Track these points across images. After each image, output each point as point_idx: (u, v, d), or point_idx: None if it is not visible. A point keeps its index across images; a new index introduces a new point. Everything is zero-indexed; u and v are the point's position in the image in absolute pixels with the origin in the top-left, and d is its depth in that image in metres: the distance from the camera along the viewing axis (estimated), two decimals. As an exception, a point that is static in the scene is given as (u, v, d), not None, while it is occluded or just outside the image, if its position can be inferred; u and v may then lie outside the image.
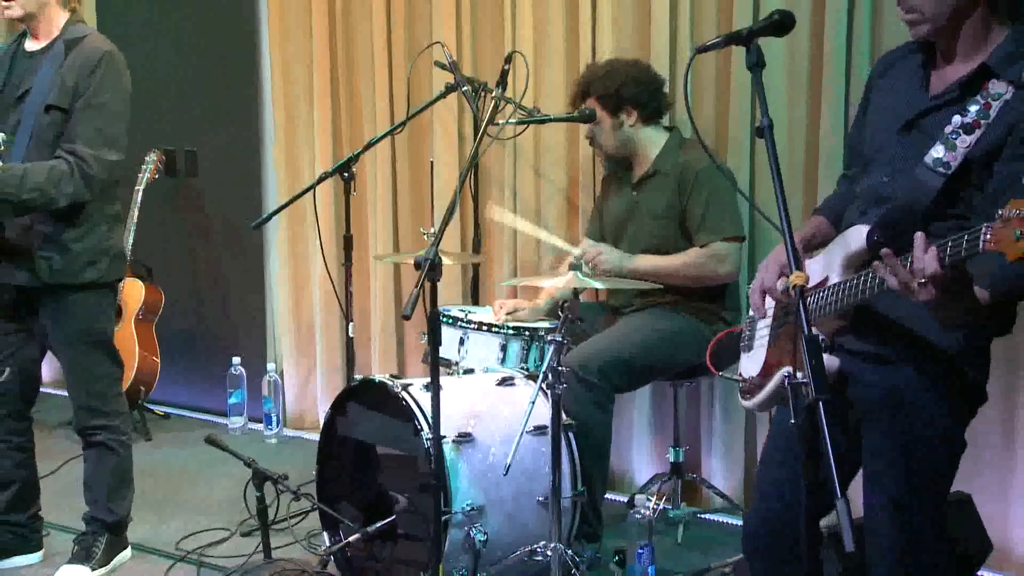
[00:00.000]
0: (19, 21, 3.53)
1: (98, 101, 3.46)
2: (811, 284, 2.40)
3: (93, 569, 3.67)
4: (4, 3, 3.46)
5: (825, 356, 2.34)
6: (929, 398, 2.32)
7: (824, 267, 2.41)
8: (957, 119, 2.24)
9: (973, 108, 2.23)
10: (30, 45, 3.57)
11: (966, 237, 1.95)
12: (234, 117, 5.44)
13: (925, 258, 2.02)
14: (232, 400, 5.37)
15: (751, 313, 2.66)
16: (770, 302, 2.55)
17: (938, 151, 2.25)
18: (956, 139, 2.23)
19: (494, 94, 3.75)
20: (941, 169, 2.23)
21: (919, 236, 2.05)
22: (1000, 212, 1.87)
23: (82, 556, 3.69)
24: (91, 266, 3.55)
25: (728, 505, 4.14)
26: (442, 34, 4.61)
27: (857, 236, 2.33)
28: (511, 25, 4.50)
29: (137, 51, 3.89)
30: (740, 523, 4.07)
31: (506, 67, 3.81)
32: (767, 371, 2.54)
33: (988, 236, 1.88)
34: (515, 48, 4.32)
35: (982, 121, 2.22)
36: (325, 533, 3.63)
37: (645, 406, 4.38)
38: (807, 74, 3.85)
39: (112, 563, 3.74)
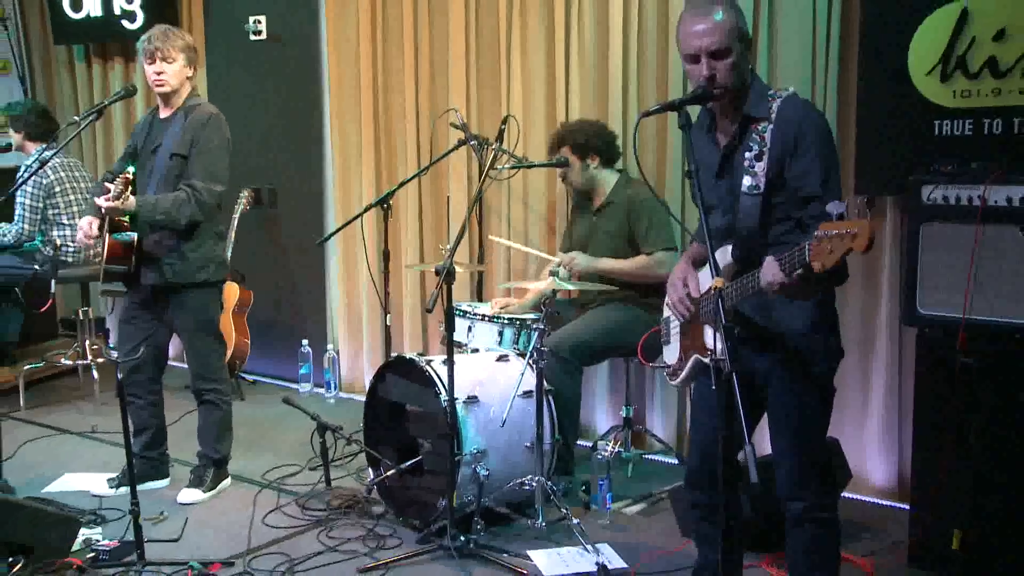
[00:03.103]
0: (160, 95, 3.59)
1: (208, 147, 3.52)
2: (701, 292, 2.39)
3: (204, 492, 3.69)
4: (158, 80, 3.51)
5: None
6: (803, 363, 2.32)
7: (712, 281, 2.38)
8: (748, 155, 2.27)
9: (753, 144, 2.26)
10: (162, 114, 3.64)
11: (796, 253, 1.97)
12: (304, 163, 5.42)
13: (774, 272, 2.03)
14: (302, 371, 5.35)
15: (666, 315, 2.61)
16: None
17: (747, 181, 2.26)
18: (753, 168, 2.25)
19: (493, 147, 3.75)
20: (755, 192, 2.25)
21: (762, 263, 2.07)
22: (816, 233, 1.90)
23: (196, 482, 3.72)
24: (202, 269, 3.59)
25: (665, 448, 4.12)
26: (455, 102, 4.59)
27: (724, 255, 2.33)
28: (506, 95, 4.49)
29: (235, 115, 3.90)
30: (675, 462, 4.07)
31: (502, 127, 3.80)
32: (683, 358, 2.51)
33: (810, 252, 1.92)
34: (509, 112, 4.31)
35: (764, 149, 2.25)
36: (370, 469, 3.62)
37: (605, 376, 4.37)
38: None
39: (217, 488, 3.75)
